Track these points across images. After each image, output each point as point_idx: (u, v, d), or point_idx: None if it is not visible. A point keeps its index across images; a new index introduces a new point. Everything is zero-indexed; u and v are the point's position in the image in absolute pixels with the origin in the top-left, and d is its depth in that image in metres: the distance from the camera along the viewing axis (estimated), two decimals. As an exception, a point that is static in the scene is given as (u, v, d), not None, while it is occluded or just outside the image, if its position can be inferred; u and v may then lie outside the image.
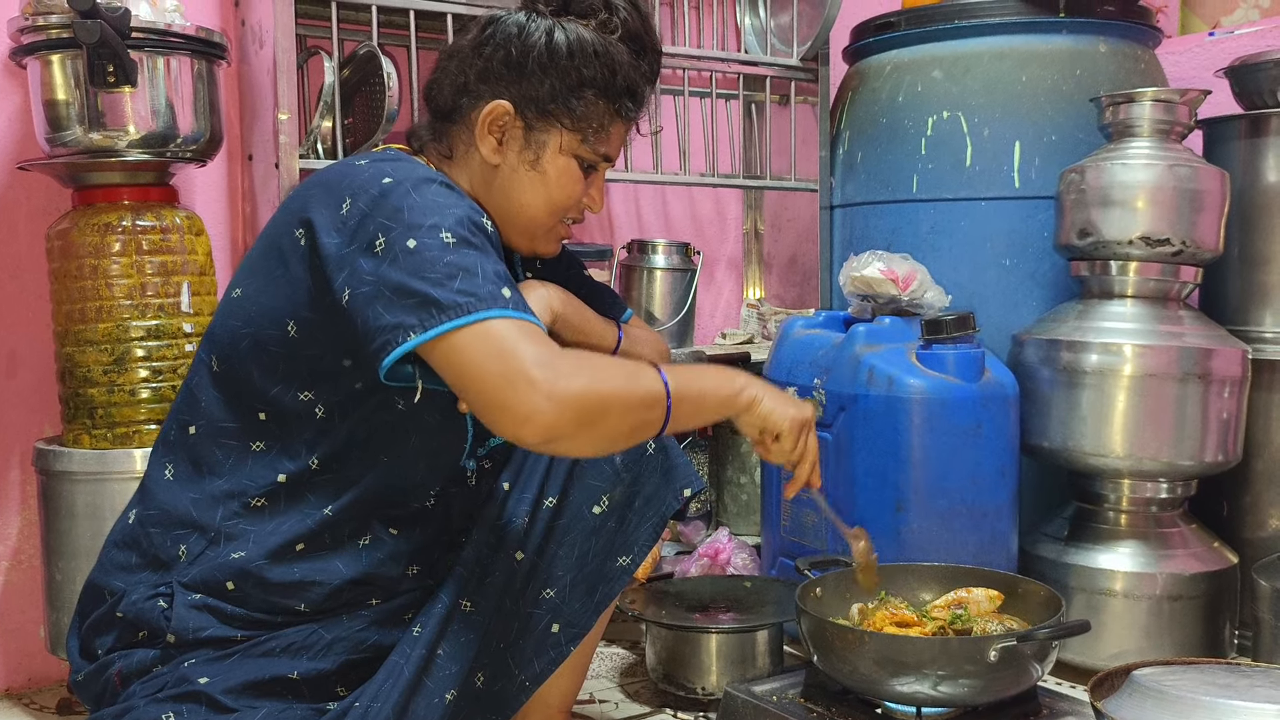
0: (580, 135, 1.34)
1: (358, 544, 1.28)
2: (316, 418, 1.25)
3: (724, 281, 2.84)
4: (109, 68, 1.65)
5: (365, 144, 1.97)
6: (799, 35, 2.43)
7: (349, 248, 1.17)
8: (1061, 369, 1.95)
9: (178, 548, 1.26)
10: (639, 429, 1.18)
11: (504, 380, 1.09)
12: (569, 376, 1.10)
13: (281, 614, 1.25)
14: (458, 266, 1.13)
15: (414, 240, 1.14)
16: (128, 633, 1.26)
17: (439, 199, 1.19)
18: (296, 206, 1.25)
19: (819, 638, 1.47)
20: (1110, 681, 1.40)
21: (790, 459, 1.35)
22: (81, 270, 1.75)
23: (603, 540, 1.37)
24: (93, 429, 1.77)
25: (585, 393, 1.11)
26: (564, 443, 1.12)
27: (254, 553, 1.24)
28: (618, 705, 1.85)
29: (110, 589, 1.28)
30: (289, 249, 1.23)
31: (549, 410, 1.09)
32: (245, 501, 1.26)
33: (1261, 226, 2.03)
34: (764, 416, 1.30)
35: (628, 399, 1.16)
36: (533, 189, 1.34)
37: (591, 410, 1.12)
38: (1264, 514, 2.04)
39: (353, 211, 1.18)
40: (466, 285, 1.12)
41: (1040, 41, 2.20)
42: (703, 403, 1.26)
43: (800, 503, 2.02)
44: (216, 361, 1.29)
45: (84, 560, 1.74)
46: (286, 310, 1.23)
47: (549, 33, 1.31)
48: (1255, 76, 2.03)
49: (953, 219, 2.21)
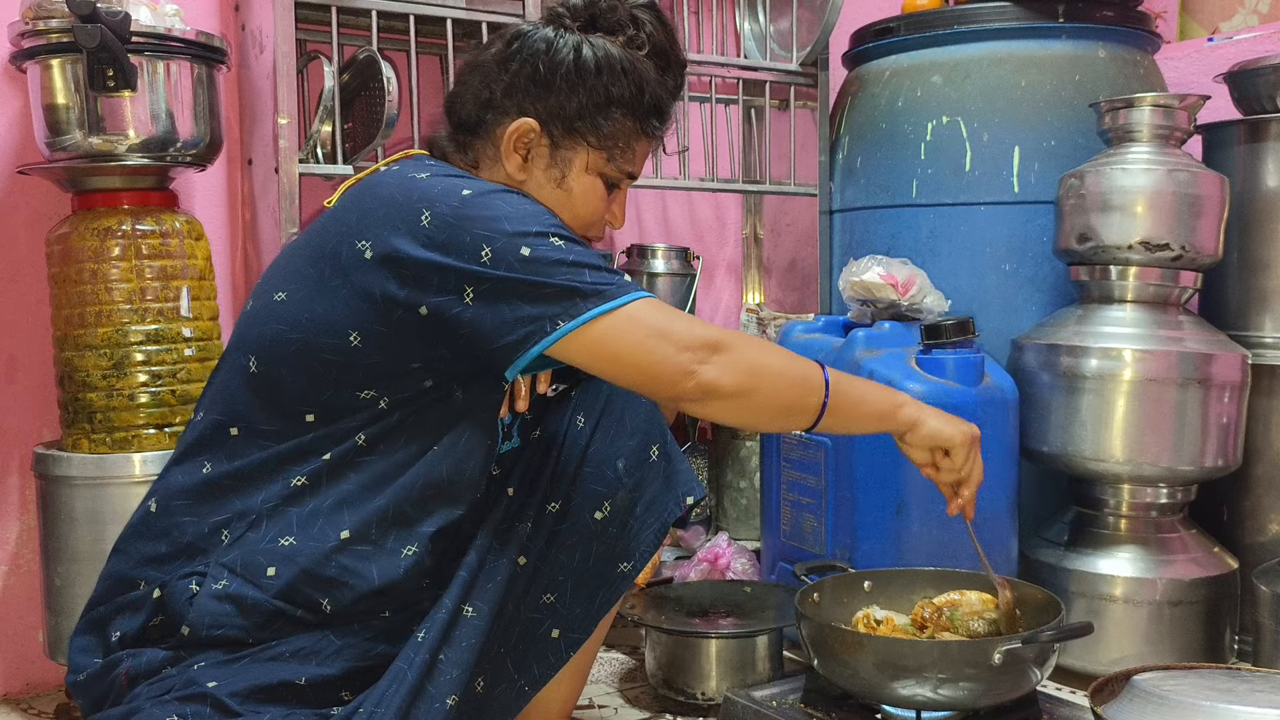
0: (606, 154, 1.34)
1: (401, 551, 1.26)
2: (377, 408, 1.25)
3: (723, 286, 2.84)
4: (109, 72, 1.65)
5: (365, 149, 1.97)
6: (798, 40, 2.43)
7: (447, 259, 1.18)
8: (1061, 374, 1.95)
9: (219, 533, 1.25)
10: (792, 409, 1.26)
11: (660, 353, 1.19)
12: (732, 343, 1.21)
13: (303, 607, 1.24)
14: (581, 263, 1.19)
15: (527, 248, 1.18)
16: (151, 615, 1.25)
17: (526, 205, 1.23)
18: (354, 220, 1.24)
19: (819, 642, 1.47)
20: (1110, 686, 1.40)
21: (959, 475, 1.39)
22: (81, 275, 1.75)
23: (604, 546, 1.36)
24: (92, 434, 1.77)
25: (746, 358, 1.22)
26: (718, 402, 1.22)
27: (300, 537, 1.23)
28: (617, 711, 1.84)
29: (145, 579, 1.26)
30: (349, 261, 1.22)
31: (710, 369, 1.20)
32: (288, 483, 1.25)
33: (1261, 232, 2.03)
34: (932, 435, 1.36)
35: (786, 373, 1.25)
36: (558, 205, 1.34)
37: (751, 374, 1.22)
38: (1264, 519, 2.04)
39: (437, 224, 1.19)
40: (597, 278, 1.19)
41: (1039, 47, 2.20)
42: (860, 408, 1.33)
43: (801, 507, 2.02)
44: (255, 363, 1.26)
45: (83, 565, 1.74)
46: (349, 321, 1.22)
47: (577, 49, 1.31)
48: (1254, 82, 2.04)
49: (952, 224, 2.22)
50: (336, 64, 1.94)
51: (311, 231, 1.30)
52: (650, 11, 1.36)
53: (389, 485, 1.26)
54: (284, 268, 1.30)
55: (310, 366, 1.24)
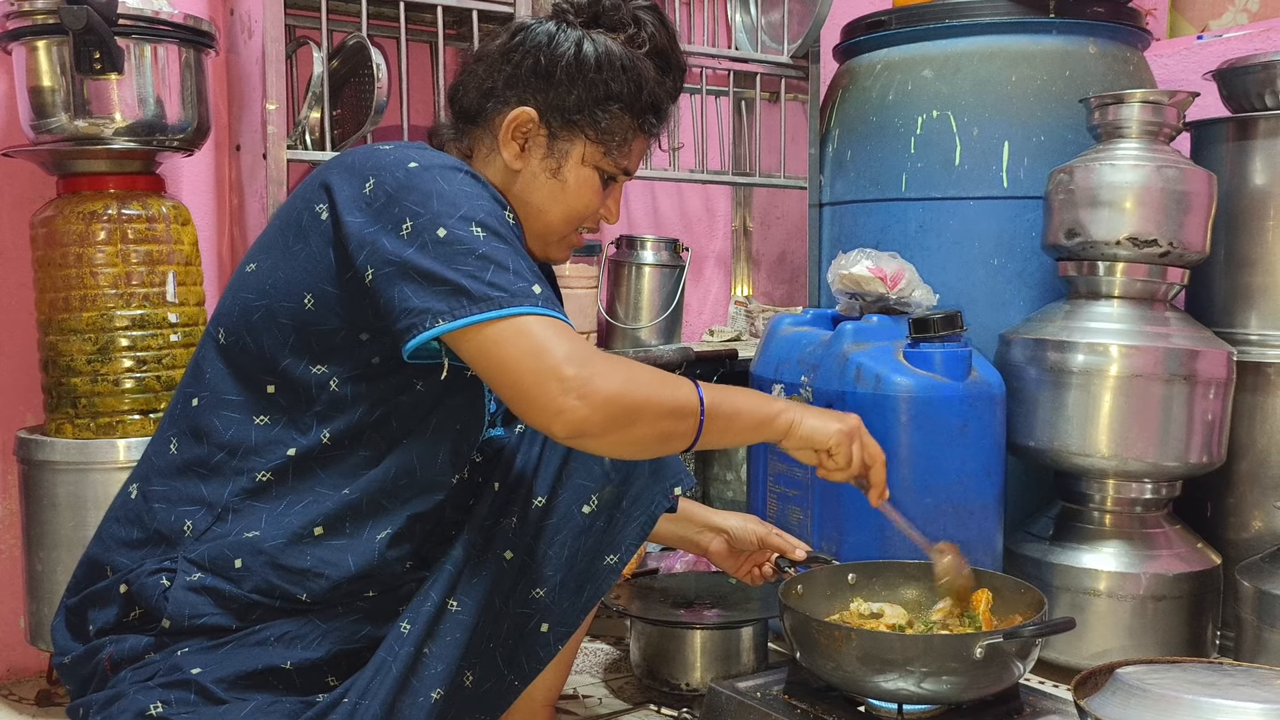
0: (603, 148, 1.35)
1: (376, 537, 1.27)
2: (330, 390, 1.25)
3: (712, 278, 2.84)
4: (95, 54, 1.64)
5: (354, 135, 1.96)
6: (790, 33, 2.43)
7: (373, 226, 1.18)
8: (1048, 369, 1.95)
9: (183, 523, 1.25)
10: (669, 437, 1.21)
11: (536, 376, 1.13)
12: (603, 376, 1.14)
13: (280, 599, 1.24)
14: (489, 260, 1.16)
15: (444, 230, 1.16)
16: (125, 610, 1.25)
17: (467, 188, 1.21)
18: (317, 184, 1.26)
19: (802, 634, 1.47)
20: (1094, 680, 1.40)
21: (852, 472, 1.38)
22: (66, 259, 1.74)
23: (592, 540, 1.36)
24: (75, 419, 1.76)
25: (618, 395, 1.14)
26: (592, 440, 1.16)
27: (269, 532, 1.23)
28: (601, 701, 1.84)
29: (113, 565, 1.27)
30: (309, 224, 1.24)
31: (580, 408, 1.12)
32: (253, 477, 1.25)
33: (1248, 229, 2.03)
34: (808, 437, 1.34)
35: (660, 406, 1.18)
36: (552, 197, 1.35)
37: (623, 412, 1.15)
38: (1247, 515, 2.05)
39: (377, 192, 1.20)
40: (498, 279, 1.15)
41: (1030, 42, 2.20)
42: (736, 421, 1.29)
43: (787, 499, 2.02)
44: (224, 334, 1.28)
45: (65, 551, 1.73)
46: (305, 284, 1.24)
47: (578, 44, 1.33)
48: (1243, 79, 2.04)
49: (941, 218, 2.22)
50: (326, 50, 1.93)
51: (285, 204, 1.32)
52: (652, 13, 1.38)
53: (359, 479, 1.27)
54: (259, 242, 1.32)
55: (271, 331, 1.25)
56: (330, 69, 1.96)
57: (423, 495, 1.30)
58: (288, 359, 1.25)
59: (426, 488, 1.30)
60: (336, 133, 1.98)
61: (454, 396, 1.30)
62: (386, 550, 1.27)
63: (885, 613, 1.57)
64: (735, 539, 1.69)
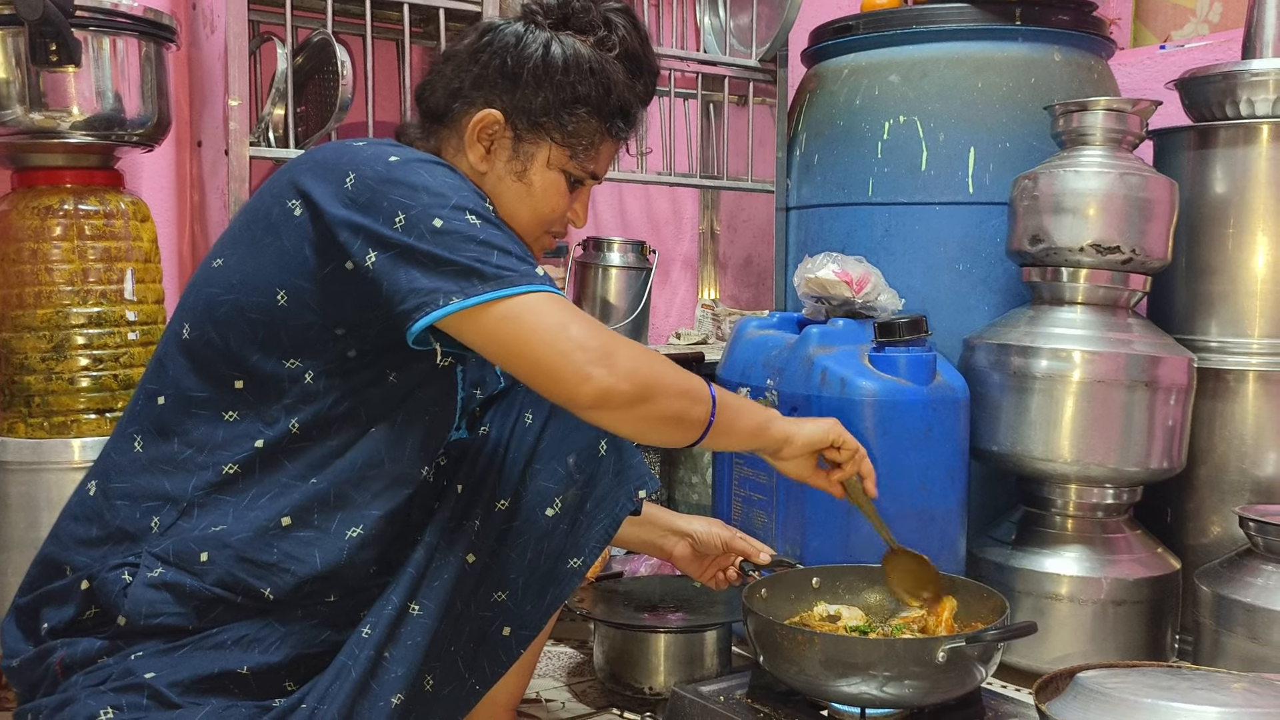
0: (569, 151, 1.34)
1: (345, 534, 1.25)
2: (304, 383, 1.23)
3: (679, 281, 2.84)
4: (52, 46, 1.61)
5: (318, 133, 1.94)
6: (758, 36, 2.43)
7: (363, 218, 1.18)
8: (1011, 374, 1.96)
9: (149, 519, 1.23)
10: (683, 418, 1.24)
11: (559, 348, 1.14)
12: (623, 350, 1.17)
13: (243, 594, 1.22)
14: (491, 245, 1.17)
15: (439, 220, 1.16)
16: (83, 608, 1.22)
17: (450, 179, 1.22)
18: (287, 180, 1.25)
19: (765, 638, 1.47)
20: (1055, 684, 1.41)
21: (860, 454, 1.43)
22: (20, 254, 1.71)
23: (555, 543, 1.35)
24: (29, 418, 1.73)
25: (638, 369, 1.17)
26: (614, 412, 1.17)
27: (236, 526, 1.22)
28: (564, 705, 1.83)
29: (71, 563, 1.24)
30: (280, 220, 1.23)
31: (606, 376, 1.15)
32: (219, 470, 1.23)
33: (1208, 237, 2.05)
34: (810, 441, 1.39)
35: (675, 384, 1.22)
36: (518, 199, 1.34)
37: (644, 384, 1.18)
38: (1206, 521, 2.07)
39: (359, 186, 1.19)
40: (504, 261, 1.16)
41: (996, 49, 2.21)
42: (739, 421, 1.32)
43: (752, 503, 2.02)
44: (188, 329, 1.26)
45: (17, 553, 1.70)
46: (276, 279, 1.22)
47: (546, 45, 1.32)
48: (1204, 89, 2.06)
49: (907, 223, 2.22)
50: (290, 46, 1.91)
51: (252, 200, 1.30)
52: (624, 15, 1.37)
53: (327, 468, 1.25)
54: (224, 237, 1.31)
55: (238, 326, 1.23)
56: (295, 65, 1.94)
57: (391, 489, 1.28)
58: (256, 354, 1.23)
59: (395, 480, 1.28)
60: (300, 129, 1.96)
61: (426, 388, 1.29)
62: (356, 552, 1.26)
63: (843, 615, 1.57)
64: (700, 543, 1.68)
